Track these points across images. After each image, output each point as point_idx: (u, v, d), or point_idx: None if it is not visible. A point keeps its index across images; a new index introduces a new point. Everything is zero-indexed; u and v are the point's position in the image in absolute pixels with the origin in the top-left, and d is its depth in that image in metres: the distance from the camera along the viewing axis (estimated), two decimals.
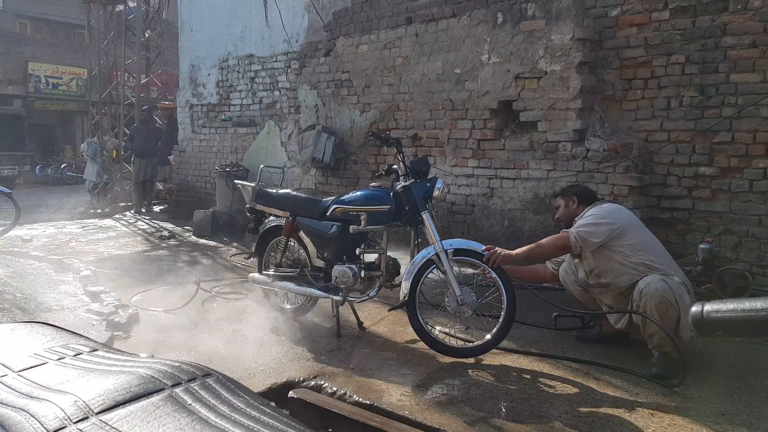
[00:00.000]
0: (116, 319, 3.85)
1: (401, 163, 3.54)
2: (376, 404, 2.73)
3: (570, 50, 4.87)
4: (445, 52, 5.80)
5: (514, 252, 3.28)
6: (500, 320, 3.14)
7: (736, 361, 3.23)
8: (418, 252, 3.45)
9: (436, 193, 3.44)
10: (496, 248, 3.27)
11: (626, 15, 4.75)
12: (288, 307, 4.08)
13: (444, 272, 3.29)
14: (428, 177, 3.55)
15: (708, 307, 0.85)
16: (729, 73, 4.28)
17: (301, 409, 2.77)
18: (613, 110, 4.91)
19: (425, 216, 3.37)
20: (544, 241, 3.33)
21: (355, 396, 2.82)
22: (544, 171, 5.17)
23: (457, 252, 3.32)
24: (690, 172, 4.51)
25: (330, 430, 2.68)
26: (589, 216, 3.27)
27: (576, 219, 3.36)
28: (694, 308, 0.87)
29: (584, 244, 3.18)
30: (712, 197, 4.41)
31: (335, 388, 2.90)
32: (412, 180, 3.46)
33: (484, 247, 3.27)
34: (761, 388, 2.87)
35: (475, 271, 3.42)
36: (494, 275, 3.23)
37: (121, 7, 11.73)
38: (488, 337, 3.21)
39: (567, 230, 3.31)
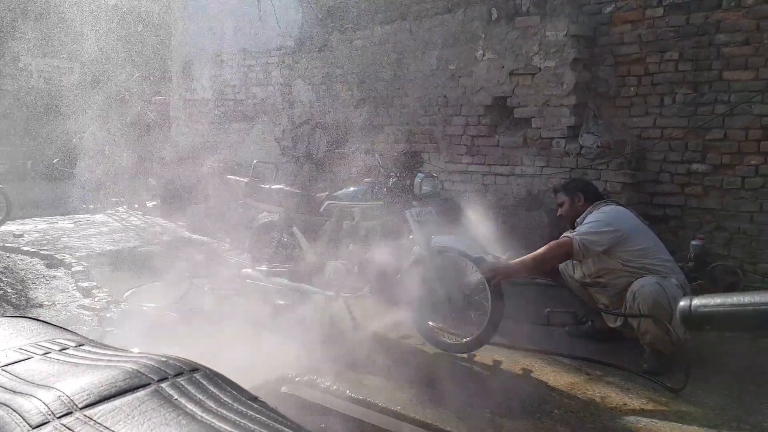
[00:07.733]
0: (108, 315, 3.84)
1: (381, 168, 3.59)
2: (369, 400, 2.73)
3: (564, 47, 4.87)
4: (439, 48, 5.79)
5: (516, 264, 3.22)
6: (488, 316, 3.15)
7: (728, 357, 3.25)
8: None
9: (416, 189, 3.42)
10: (496, 269, 3.17)
11: (620, 12, 4.75)
12: (281, 302, 4.07)
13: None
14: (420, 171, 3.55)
15: (696, 301, 0.85)
16: (722, 70, 4.29)
17: (294, 405, 2.77)
18: (606, 107, 4.92)
19: (407, 214, 3.37)
20: (546, 250, 3.22)
21: (348, 392, 2.82)
22: (537, 167, 5.17)
23: (446, 249, 3.31)
24: (683, 168, 4.52)
25: (323, 426, 2.68)
26: (592, 222, 3.21)
27: (577, 220, 3.34)
28: (682, 303, 0.87)
29: (587, 252, 3.15)
30: (705, 194, 4.42)
31: (328, 384, 2.90)
32: (395, 179, 3.48)
33: (482, 272, 3.19)
34: (753, 384, 2.88)
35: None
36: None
37: None
38: (479, 332, 3.22)
39: (569, 236, 3.22)
